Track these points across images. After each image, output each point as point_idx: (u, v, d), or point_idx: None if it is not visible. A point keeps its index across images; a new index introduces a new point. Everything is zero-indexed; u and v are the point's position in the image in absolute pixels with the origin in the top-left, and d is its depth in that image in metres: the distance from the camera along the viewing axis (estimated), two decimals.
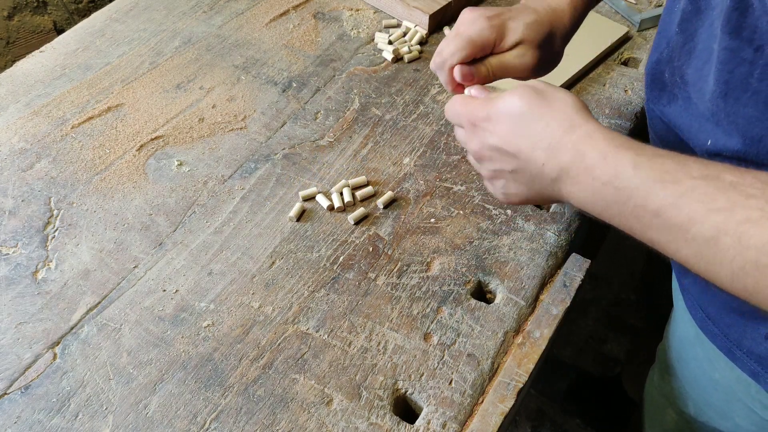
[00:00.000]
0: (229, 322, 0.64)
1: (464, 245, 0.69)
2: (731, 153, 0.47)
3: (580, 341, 1.45)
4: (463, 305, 0.65)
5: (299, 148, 0.79)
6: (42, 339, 0.63)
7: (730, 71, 0.44)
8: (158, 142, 0.80)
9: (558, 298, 0.64)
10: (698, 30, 0.49)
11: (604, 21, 0.93)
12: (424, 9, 0.92)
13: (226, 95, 0.85)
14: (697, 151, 0.51)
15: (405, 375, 0.60)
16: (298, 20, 0.96)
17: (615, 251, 1.58)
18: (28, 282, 0.67)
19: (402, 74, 0.88)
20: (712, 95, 0.47)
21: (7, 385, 0.60)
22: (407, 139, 0.80)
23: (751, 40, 0.42)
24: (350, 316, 0.64)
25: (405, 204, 0.73)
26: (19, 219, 0.72)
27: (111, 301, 0.65)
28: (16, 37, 1.31)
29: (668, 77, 0.54)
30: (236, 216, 0.72)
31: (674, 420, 0.77)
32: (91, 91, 0.85)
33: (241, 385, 0.59)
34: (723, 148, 0.47)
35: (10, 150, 0.78)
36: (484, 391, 0.59)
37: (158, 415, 0.58)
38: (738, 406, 0.63)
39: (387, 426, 0.57)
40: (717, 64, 0.45)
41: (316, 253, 0.69)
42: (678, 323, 0.71)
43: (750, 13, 0.41)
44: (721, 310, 0.57)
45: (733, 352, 0.57)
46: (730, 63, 0.44)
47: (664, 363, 0.76)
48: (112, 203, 0.74)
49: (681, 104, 0.52)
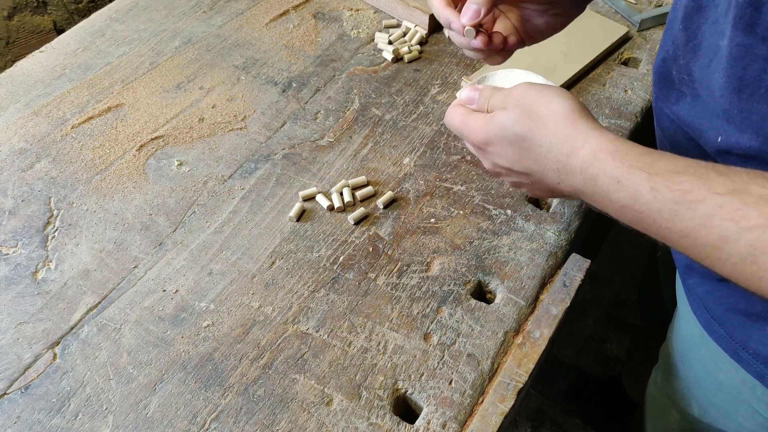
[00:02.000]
0: (229, 322, 0.64)
1: (464, 245, 0.69)
2: (743, 150, 0.46)
3: (580, 341, 1.45)
4: (463, 305, 0.65)
5: (299, 148, 0.79)
6: (42, 339, 0.63)
7: (744, 68, 0.44)
8: (158, 142, 0.80)
9: (558, 298, 0.64)
10: (702, 27, 0.49)
11: (604, 21, 0.93)
12: (424, 9, 0.92)
13: (226, 95, 0.85)
14: (706, 148, 0.51)
15: (405, 375, 0.60)
16: (298, 20, 0.96)
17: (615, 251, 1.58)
18: (28, 282, 0.67)
19: (402, 74, 0.88)
20: (724, 92, 0.46)
21: (7, 385, 0.60)
22: (407, 139, 0.80)
23: (765, 37, 0.41)
24: (350, 316, 0.64)
25: (405, 204, 0.73)
26: (19, 219, 0.72)
27: (111, 301, 0.65)
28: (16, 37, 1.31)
29: (675, 75, 0.53)
30: (236, 216, 0.72)
31: (677, 421, 0.77)
32: (91, 91, 0.85)
33: (241, 385, 0.59)
34: (734, 145, 0.47)
35: (10, 150, 0.78)
36: (484, 391, 0.59)
37: (158, 415, 0.58)
38: (742, 408, 0.63)
39: (387, 426, 0.57)
40: (729, 60, 0.45)
41: (316, 253, 0.69)
42: (682, 324, 0.71)
43: (765, 10, 0.40)
44: (727, 312, 0.57)
45: (739, 354, 0.57)
46: (743, 60, 0.43)
47: (668, 364, 0.76)
48: (112, 203, 0.73)
49: (689, 102, 0.52)
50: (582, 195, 0.47)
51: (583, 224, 0.73)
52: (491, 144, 0.50)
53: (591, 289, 1.53)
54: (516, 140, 0.48)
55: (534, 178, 0.50)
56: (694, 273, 0.62)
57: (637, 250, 1.59)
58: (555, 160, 0.46)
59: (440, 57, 0.91)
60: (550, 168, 0.47)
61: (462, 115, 0.53)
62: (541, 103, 0.48)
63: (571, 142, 0.45)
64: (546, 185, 0.49)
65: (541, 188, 0.51)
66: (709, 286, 0.59)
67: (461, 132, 0.53)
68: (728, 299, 0.57)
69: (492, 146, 0.50)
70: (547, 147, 0.46)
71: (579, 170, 0.45)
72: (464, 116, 0.53)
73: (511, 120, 0.48)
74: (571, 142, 0.45)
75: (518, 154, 0.49)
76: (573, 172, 0.45)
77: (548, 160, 0.47)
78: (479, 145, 0.51)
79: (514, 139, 0.48)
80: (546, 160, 0.47)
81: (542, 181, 0.49)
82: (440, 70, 0.89)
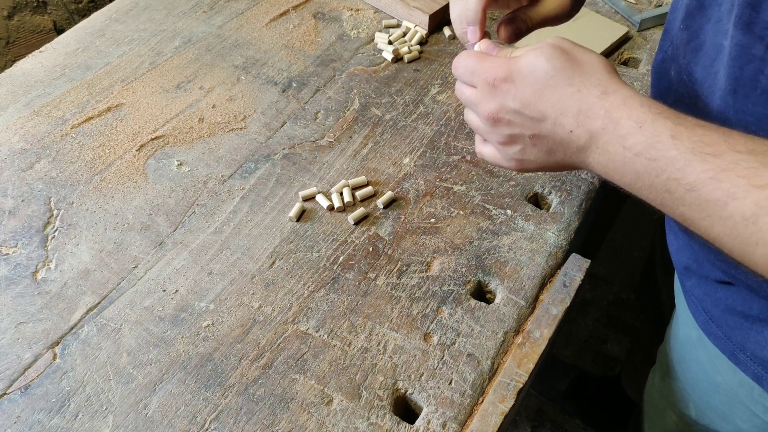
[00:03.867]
0: (229, 322, 0.64)
1: (464, 245, 0.69)
2: None
3: (580, 341, 1.45)
4: (463, 305, 0.65)
5: (299, 148, 0.79)
6: (42, 339, 0.63)
7: (740, 68, 0.43)
8: (158, 142, 0.80)
9: (558, 298, 0.64)
10: (704, 27, 0.48)
11: (604, 21, 0.93)
12: (424, 9, 0.92)
13: (226, 95, 0.85)
14: None
15: (405, 375, 0.60)
16: (298, 20, 0.96)
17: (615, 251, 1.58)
18: (28, 282, 0.67)
19: (402, 74, 0.88)
20: (723, 92, 0.46)
21: (7, 385, 0.60)
22: (407, 139, 0.80)
23: (762, 37, 0.41)
24: (350, 316, 0.64)
25: (405, 204, 0.73)
26: (19, 219, 0.72)
27: (111, 301, 0.65)
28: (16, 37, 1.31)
29: (674, 75, 0.53)
30: (236, 216, 0.72)
31: (675, 422, 0.77)
32: (91, 91, 0.85)
33: (241, 385, 0.59)
34: None
35: (10, 150, 0.78)
36: (484, 391, 0.59)
37: (158, 415, 0.58)
38: (740, 409, 0.63)
39: (387, 426, 0.57)
40: (728, 60, 0.44)
41: (316, 253, 0.69)
42: (680, 325, 0.71)
43: (763, 9, 0.40)
44: (724, 313, 0.57)
45: (736, 355, 0.57)
46: (740, 59, 0.43)
47: (666, 365, 0.76)
48: (112, 203, 0.73)
49: (687, 103, 0.51)
50: (593, 145, 0.44)
51: (583, 224, 0.73)
52: (511, 80, 0.47)
53: (591, 289, 1.53)
54: (544, 77, 0.45)
55: (539, 128, 0.46)
56: (692, 275, 0.62)
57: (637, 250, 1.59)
58: (581, 101, 0.44)
59: (440, 57, 0.91)
60: (570, 111, 0.44)
61: (478, 54, 0.50)
62: (579, 50, 0.47)
63: (604, 86, 0.44)
64: (552, 138, 0.46)
65: (542, 144, 0.47)
66: (707, 287, 0.59)
67: (474, 69, 0.49)
68: (726, 301, 0.57)
69: (510, 83, 0.47)
70: (576, 87, 0.45)
71: (604, 113, 0.43)
72: (482, 55, 0.50)
73: (547, 55, 0.46)
74: (605, 86, 0.44)
75: (539, 93, 0.46)
76: (596, 115, 0.43)
77: (573, 101, 0.44)
78: (495, 81, 0.47)
79: (543, 76, 0.45)
80: (570, 101, 0.45)
81: (551, 130, 0.46)
82: (440, 70, 0.89)
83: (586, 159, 0.46)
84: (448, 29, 0.94)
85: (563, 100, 0.45)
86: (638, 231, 1.59)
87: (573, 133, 0.45)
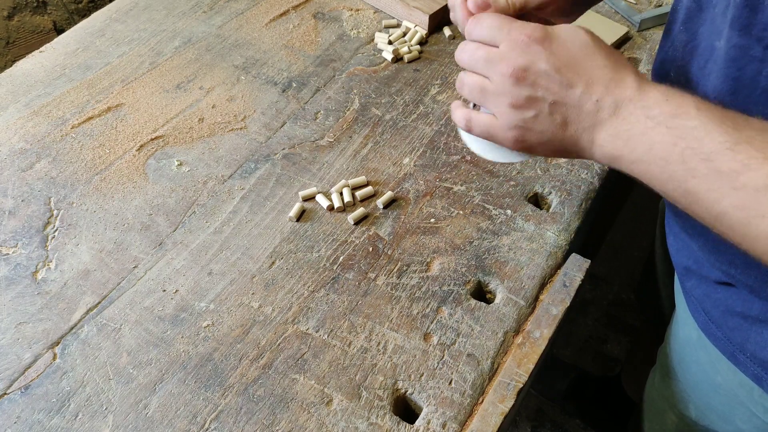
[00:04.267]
0: (229, 322, 0.64)
1: (464, 245, 0.69)
2: None
3: (580, 341, 1.45)
4: (463, 305, 0.65)
5: (299, 148, 0.79)
6: (42, 339, 0.63)
7: (740, 69, 0.44)
8: (158, 142, 0.80)
9: (558, 298, 0.64)
10: (700, 28, 0.49)
11: (604, 21, 0.93)
12: (424, 9, 0.92)
13: (226, 95, 0.85)
14: None
15: (405, 375, 0.60)
16: (298, 20, 0.96)
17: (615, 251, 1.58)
18: (28, 282, 0.67)
19: (402, 74, 0.88)
20: (718, 94, 0.46)
21: (7, 385, 0.60)
22: (407, 139, 0.80)
23: (761, 38, 0.41)
24: (350, 316, 0.64)
25: (405, 204, 0.73)
26: (19, 219, 0.72)
27: (111, 301, 0.65)
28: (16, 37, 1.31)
29: (674, 77, 0.53)
30: (236, 216, 0.72)
31: (675, 423, 0.77)
32: (91, 91, 0.85)
33: (241, 385, 0.59)
34: None
35: (10, 150, 0.78)
36: (484, 391, 0.59)
37: (158, 415, 0.58)
38: (740, 410, 0.63)
39: (387, 426, 0.57)
40: (725, 61, 0.45)
41: (316, 253, 0.69)
42: (680, 326, 0.71)
43: (761, 10, 0.41)
44: (724, 314, 0.57)
45: (736, 356, 0.57)
46: (739, 61, 0.43)
47: (665, 366, 0.76)
48: (112, 203, 0.73)
49: None
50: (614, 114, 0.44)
51: (583, 224, 0.73)
52: (548, 42, 0.45)
53: (591, 289, 1.53)
54: (584, 47, 0.45)
55: (564, 95, 0.45)
56: (692, 275, 0.62)
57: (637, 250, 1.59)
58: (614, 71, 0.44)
59: (440, 57, 0.91)
60: (602, 80, 0.44)
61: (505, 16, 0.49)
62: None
63: (632, 66, 0.46)
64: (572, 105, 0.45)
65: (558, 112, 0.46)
66: (707, 288, 0.59)
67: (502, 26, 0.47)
68: (726, 302, 0.57)
69: (545, 45, 0.45)
70: (612, 59, 0.45)
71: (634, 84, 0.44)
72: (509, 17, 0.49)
73: (585, 30, 0.46)
74: (633, 67, 0.46)
75: (575, 61, 0.45)
76: (626, 85, 0.44)
77: (606, 71, 0.45)
78: (529, 39, 0.45)
79: (583, 45, 0.45)
80: (603, 71, 0.45)
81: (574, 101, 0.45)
82: (440, 70, 0.89)
83: (597, 135, 0.45)
84: (448, 29, 0.94)
85: (597, 70, 0.45)
86: (638, 231, 1.59)
87: (599, 102, 0.44)
